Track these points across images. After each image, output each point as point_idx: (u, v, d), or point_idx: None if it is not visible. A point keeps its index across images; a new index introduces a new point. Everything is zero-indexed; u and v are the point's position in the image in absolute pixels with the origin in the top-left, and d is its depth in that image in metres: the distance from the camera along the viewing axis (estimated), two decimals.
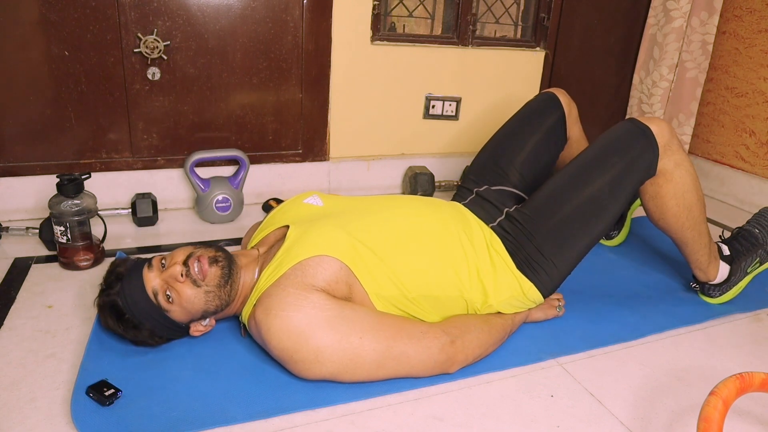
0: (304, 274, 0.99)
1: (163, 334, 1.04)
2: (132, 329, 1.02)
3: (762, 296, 1.43)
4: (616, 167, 1.16)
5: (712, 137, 2.29)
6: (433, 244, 1.12)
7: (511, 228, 1.20)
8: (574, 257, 1.18)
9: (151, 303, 1.00)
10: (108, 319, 1.03)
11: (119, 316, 1.01)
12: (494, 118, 2.17)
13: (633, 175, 1.17)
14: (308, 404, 0.95)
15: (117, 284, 1.02)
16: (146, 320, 1.01)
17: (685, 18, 2.11)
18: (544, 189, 1.21)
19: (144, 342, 1.05)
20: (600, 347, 1.18)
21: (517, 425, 0.95)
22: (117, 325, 1.02)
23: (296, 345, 0.94)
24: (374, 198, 1.25)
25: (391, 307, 1.07)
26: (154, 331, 1.02)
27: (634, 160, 1.17)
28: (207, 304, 1.03)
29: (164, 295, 1.00)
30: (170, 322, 1.02)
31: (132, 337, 1.03)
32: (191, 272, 1.01)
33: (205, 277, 1.02)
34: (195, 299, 1.01)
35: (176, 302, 1.00)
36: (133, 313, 1.00)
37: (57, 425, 0.88)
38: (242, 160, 1.77)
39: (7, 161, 1.61)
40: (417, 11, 1.99)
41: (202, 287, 1.01)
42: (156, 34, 1.61)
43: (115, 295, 1.01)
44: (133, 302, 1.00)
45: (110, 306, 1.01)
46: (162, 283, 1.00)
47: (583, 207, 1.16)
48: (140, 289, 1.00)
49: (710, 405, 0.81)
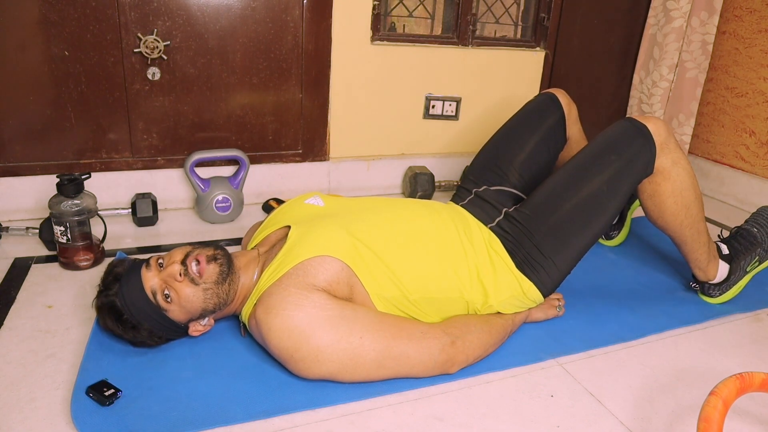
0: (305, 273, 0.99)
1: (162, 334, 1.04)
2: (131, 330, 1.02)
3: (762, 296, 1.43)
4: (613, 165, 1.16)
5: (712, 137, 2.29)
6: (433, 246, 1.12)
7: (510, 228, 1.20)
8: (574, 256, 1.18)
9: (150, 303, 1.00)
10: (107, 320, 1.03)
11: (118, 317, 1.01)
12: (494, 118, 2.17)
13: (631, 173, 1.18)
14: (308, 404, 0.95)
15: (115, 285, 1.02)
16: (145, 320, 1.01)
17: (685, 18, 2.11)
18: (542, 188, 1.21)
19: (143, 342, 1.05)
20: (600, 347, 1.18)
21: (517, 425, 0.95)
22: (116, 325, 1.02)
23: (296, 344, 0.94)
24: (375, 199, 1.25)
25: (392, 308, 1.07)
26: (152, 331, 1.02)
27: (631, 159, 1.17)
28: (205, 302, 1.03)
29: (162, 295, 1.00)
30: (169, 321, 1.02)
31: (131, 337, 1.03)
32: (189, 271, 1.01)
33: (202, 275, 1.02)
34: (193, 298, 1.01)
35: (175, 301, 1.00)
36: (131, 313, 1.00)
37: (57, 425, 0.88)
38: (242, 160, 1.77)
39: (7, 161, 1.61)
40: (417, 11, 1.99)
41: (200, 285, 1.01)
42: (156, 34, 1.61)
43: (113, 296, 1.01)
44: (131, 302, 1.00)
45: (109, 307, 1.01)
46: (160, 283, 1.00)
47: (582, 205, 1.16)
48: (139, 290, 1.00)
49: (710, 405, 0.81)
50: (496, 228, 1.23)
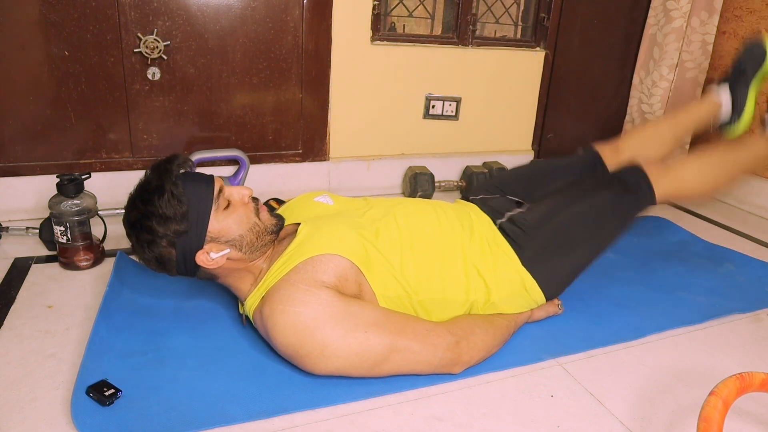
0: (314, 270, 0.99)
1: (187, 230, 0.98)
2: (168, 204, 0.96)
3: (762, 296, 1.43)
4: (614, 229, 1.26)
5: (711, 137, 2.28)
6: (439, 246, 1.13)
7: (519, 225, 1.22)
8: (580, 263, 1.21)
9: (211, 194, 1.00)
10: (153, 177, 0.99)
11: (167, 181, 0.97)
12: (494, 118, 2.17)
13: (628, 219, 1.28)
14: (308, 404, 0.95)
15: (186, 164, 1.02)
16: (190, 201, 0.98)
17: (685, 18, 2.10)
18: (548, 200, 1.27)
19: (152, 241, 0.99)
20: (600, 347, 1.18)
21: (517, 425, 0.95)
22: (156, 189, 0.97)
23: (301, 340, 0.94)
24: (382, 199, 1.26)
25: (396, 308, 1.07)
26: (185, 215, 0.97)
27: (626, 222, 1.28)
28: (248, 231, 1.03)
29: (225, 200, 1.02)
30: (205, 222, 0.99)
31: (149, 220, 0.98)
32: (258, 203, 1.07)
33: (261, 213, 1.06)
34: (245, 220, 1.03)
35: (228, 211, 1.02)
36: (186, 187, 0.98)
37: (57, 425, 0.88)
38: (242, 160, 1.77)
39: (7, 161, 1.61)
40: (417, 11, 1.99)
41: (254, 219, 1.05)
42: (156, 34, 1.61)
43: (177, 167, 1.00)
44: (193, 179, 1.00)
45: (164, 170, 0.99)
46: (229, 190, 1.04)
47: (587, 215, 1.22)
48: (208, 180, 1.02)
49: (710, 405, 0.81)
50: (504, 223, 1.24)
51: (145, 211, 0.98)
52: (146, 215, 0.98)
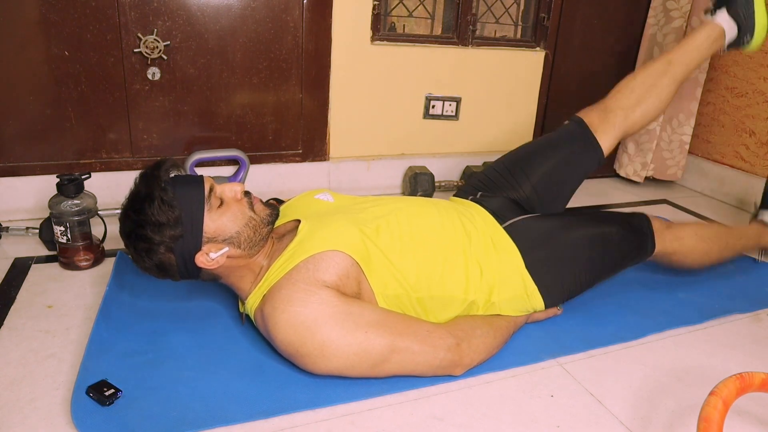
0: (316, 268, 0.99)
1: (182, 233, 0.98)
2: (156, 225, 0.96)
3: (762, 296, 1.43)
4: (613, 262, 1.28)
5: (712, 137, 2.29)
6: (439, 245, 1.13)
7: (526, 228, 1.22)
8: (580, 281, 1.22)
9: (201, 195, 1.00)
10: (142, 200, 0.97)
11: (155, 196, 0.96)
12: (494, 118, 2.17)
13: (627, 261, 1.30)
14: (308, 404, 0.95)
15: (173, 170, 1.02)
16: (182, 204, 0.97)
17: (685, 18, 2.10)
18: (560, 215, 1.31)
19: (149, 248, 0.99)
20: (600, 347, 1.18)
21: (517, 425, 0.95)
22: (146, 198, 0.97)
23: (301, 339, 0.94)
24: (383, 198, 1.26)
25: (395, 307, 1.07)
26: (178, 220, 0.97)
27: (625, 262, 1.30)
28: (245, 227, 1.03)
29: (217, 197, 1.02)
30: (200, 221, 0.99)
31: (143, 229, 0.97)
32: (251, 196, 1.07)
33: (255, 205, 1.06)
34: (240, 215, 1.03)
35: (222, 209, 1.02)
36: (175, 191, 0.97)
37: (57, 425, 0.88)
38: (242, 160, 1.77)
39: (7, 161, 1.61)
40: (417, 11, 1.99)
41: (249, 214, 1.04)
42: (156, 34, 1.61)
43: (165, 172, 1.00)
44: (182, 186, 1.00)
45: (152, 177, 0.98)
46: (220, 188, 1.03)
47: (596, 239, 1.24)
48: (197, 181, 1.02)
49: (710, 405, 0.81)
50: (511, 226, 1.24)
51: (138, 221, 0.98)
52: (140, 224, 0.98)
